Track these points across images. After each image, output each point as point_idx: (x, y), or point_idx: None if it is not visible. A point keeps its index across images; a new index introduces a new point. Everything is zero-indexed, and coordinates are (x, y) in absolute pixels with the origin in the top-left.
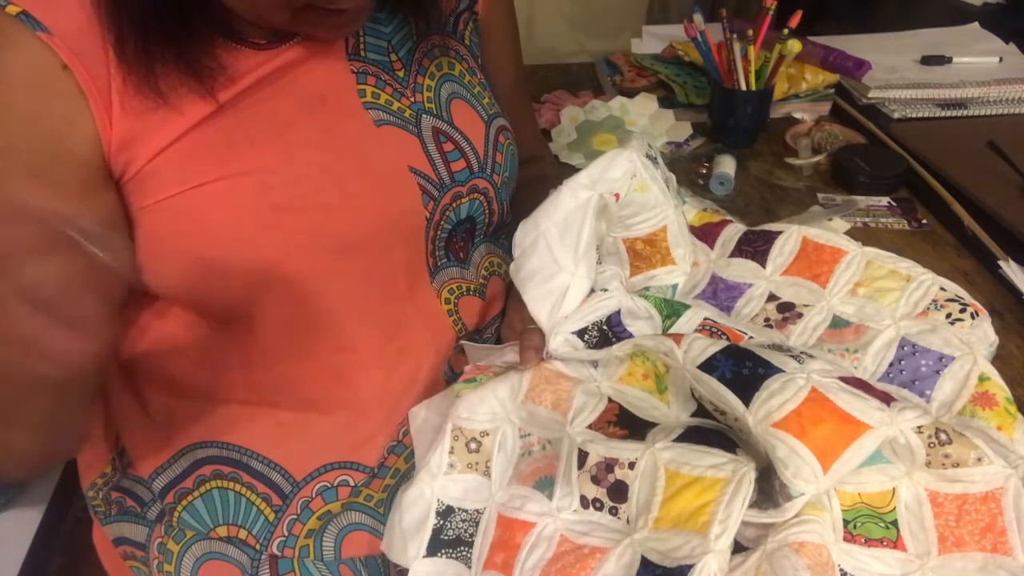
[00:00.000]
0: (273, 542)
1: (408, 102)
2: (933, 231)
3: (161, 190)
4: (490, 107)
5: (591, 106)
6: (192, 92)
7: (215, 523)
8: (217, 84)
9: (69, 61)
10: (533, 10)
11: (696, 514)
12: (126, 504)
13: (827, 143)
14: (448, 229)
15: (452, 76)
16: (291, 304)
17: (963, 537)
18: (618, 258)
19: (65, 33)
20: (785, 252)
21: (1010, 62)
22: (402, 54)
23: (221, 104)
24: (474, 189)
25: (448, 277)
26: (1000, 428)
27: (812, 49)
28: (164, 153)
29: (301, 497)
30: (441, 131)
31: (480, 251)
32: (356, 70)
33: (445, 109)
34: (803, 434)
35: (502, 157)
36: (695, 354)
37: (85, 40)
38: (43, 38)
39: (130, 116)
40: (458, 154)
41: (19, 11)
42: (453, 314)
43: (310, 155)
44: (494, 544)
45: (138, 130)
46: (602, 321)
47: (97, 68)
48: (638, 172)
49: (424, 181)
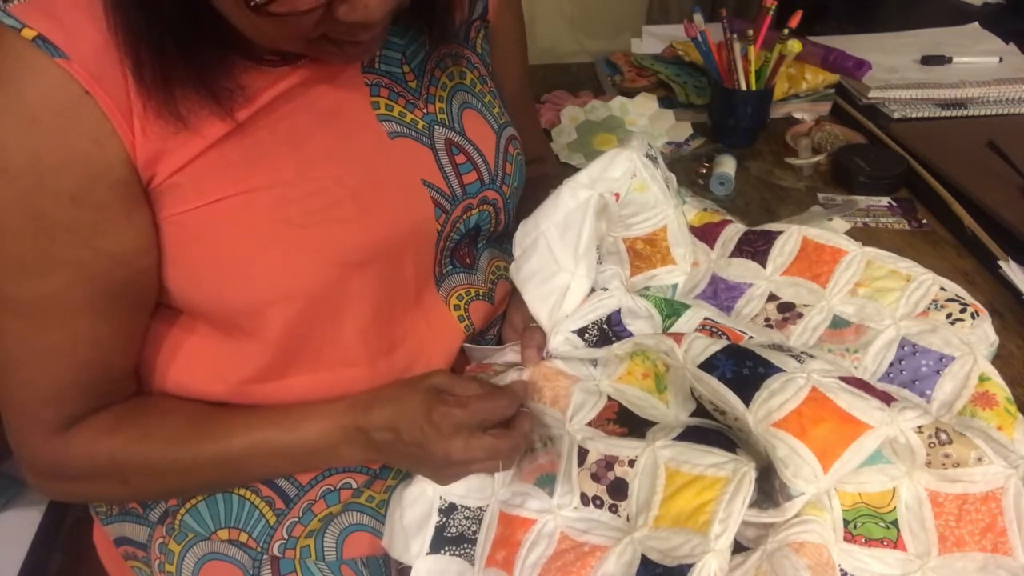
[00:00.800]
0: (273, 544)
1: (421, 113)
2: (933, 231)
3: (180, 203)
4: (500, 116)
5: (591, 106)
6: (211, 114)
7: (217, 526)
8: (236, 104)
9: (89, 87)
10: (533, 10)
11: (696, 513)
12: (128, 505)
13: (827, 143)
14: (456, 239)
15: (464, 86)
16: (304, 320)
17: (963, 537)
18: (618, 258)
19: (83, 57)
20: (785, 252)
21: (1010, 62)
22: (415, 65)
23: (240, 123)
24: (484, 200)
25: (455, 284)
26: (1000, 428)
27: (812, 49)
28: (183, 171)
29: (305, 500)
30: (454, 143)
31: (486, 256)
32: (370, 82)
33: (457, 120)
34: (803, 434)
35: (512, 168)
36: (695, 353)
37: (103, 64)
38: (62, 64)
39: (152, 140)
40: (470, 166)
41: (35, 35)
42: (464, 319)
43: (326, 168)
44: (496, 541)
45: (159, 151)
46: (602, 320)
47: (117, 92)
48: (638, 171)
49: (437, 195)
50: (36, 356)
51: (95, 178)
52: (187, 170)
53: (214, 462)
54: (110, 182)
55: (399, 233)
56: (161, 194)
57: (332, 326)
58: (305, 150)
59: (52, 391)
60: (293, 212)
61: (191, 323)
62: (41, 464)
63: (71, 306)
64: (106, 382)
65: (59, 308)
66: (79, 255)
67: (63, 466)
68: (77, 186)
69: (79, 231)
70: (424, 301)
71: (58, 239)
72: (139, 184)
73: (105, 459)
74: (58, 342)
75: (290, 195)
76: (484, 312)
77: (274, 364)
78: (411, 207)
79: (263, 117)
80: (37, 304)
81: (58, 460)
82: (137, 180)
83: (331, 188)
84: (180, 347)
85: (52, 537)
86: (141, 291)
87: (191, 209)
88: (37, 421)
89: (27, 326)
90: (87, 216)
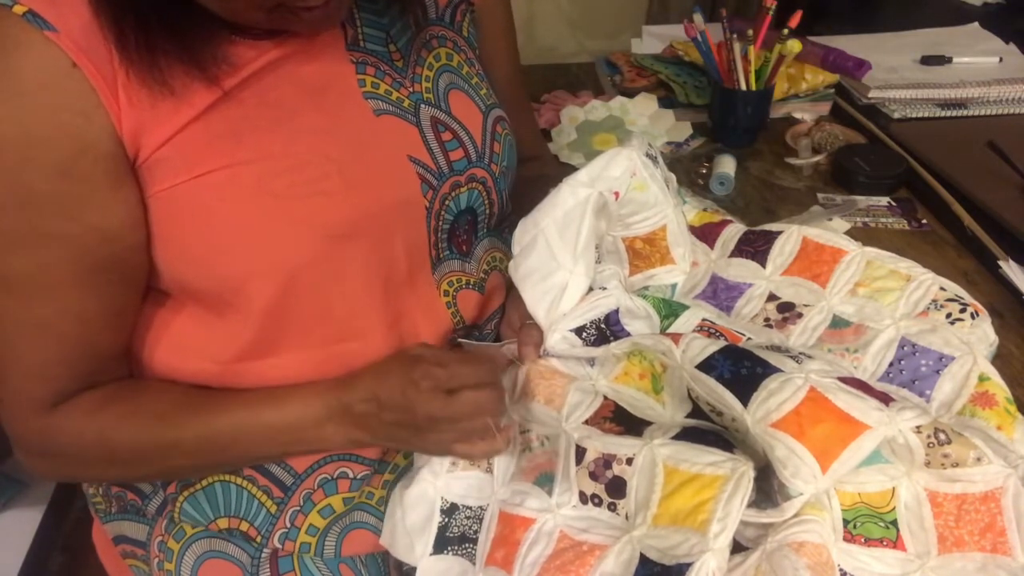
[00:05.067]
0: (275, 534)
1: (407, 92)
2: (933, 231)
3: (167, 178)
4: (487, 98)
5: (591, 106)
6: (197, 81)
7: (216, 514)
8: (220, 72)
9: (77, 59)
10: (533, 10)
11: (695, 511)
12: (127, 498)
13: (827, 143)
14: (449, 220)
15: (450, 67)
16: (292, 294)
17: (963, 537)
18: (617, 257)
19: (71, 31)
20: (785, 252)
21: (1010, 62)
22: (400, 45)
23: (226, 92)
24: (472, 178)
25: (449, 270)
26: (1000, 428)
27: (812, 49)
28: (171, 141)
29: (303, 489)
30: (439, 121)
31: (484, 245)
32: (355, 60)
33: (443, 99)
34: (802, 434)
35: (500, 147)
36: (693, 354)
37: (90, 37)
38: (51, 37)
39: (136, 108)
40: (456, 143)
41: (25, 10)
42: (451, 306)
43: (312, 143)
44: (495, 540)
45: (146, 120)
46: (600, 319)
47: (103, 64)
48: (638, 171)
49: (423, 170)
50: (23, 331)
51: (82, 151)
52: (174, 142)
53: (199, 440)
54: (96, 155)
55: (385, 208)
56: (149, 170)
57: (320, 301)
58: (291, 125)
59: (38, 366)
60: (279, 185)
61: (179, 304)
62: (29, 441)
63: (59, 281)
64: (93, 360)
65: (47, 283)
66: (67, 229)
67: (51, 443)
68: (64, 159)
69: (66, 205)
70: (418, 283)
71: (45, 213)
72: (126, 160)
73: (93, 437)
74: (45, 317)
75: (276, 168)
76: (473, 302)
77: (262, 340)
78: (397, 182)
79: (249, 87)
80: (24, 279)
81: (45, 437)
82: (124, 155)
83: (317, 162)
84: (168, 328)
85: (52, 537)
86: (130, 269)
87: (178, 184)
88: (24, 397)
89: (14, 301)
90: (74, 189)
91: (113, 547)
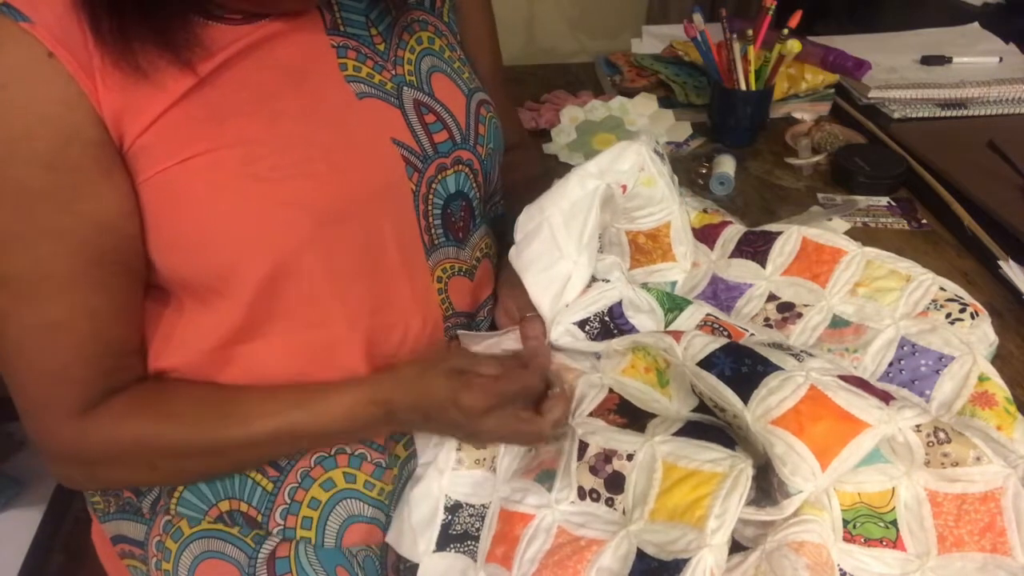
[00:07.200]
0: (275, 511)
1: (389, 75)
2: (933, 231)
3: (152, 165)
4: (470, 81)
5: (591, 106)
6: (171, 65)
7: (216, 498)
8: (195, 56)
9: (54, 48)
10: (533, 10)
11: (692, 507)
12: (124, 494)
13: (827, 143)
14: (440, 204)
15: (432, 51)
16: (281, 279)
17: (962, 537)
18: (620, 249)
19: (46, 21)
20: (785, 252)
21: (1010, 62)
22: (382, 28)
23: (202, 77)
24: (458, 161)
25: (444, 256)
26: (1000, 428)
27: (812, 49)
28: (152, 128)
29: (299, 468)
30: (422, 103)
31: (479, 232)
32: (336, 44)
33: (426, 82)
34: (801, 432)
35: (484, 129)
36: (695, 351)
37: (65, 26)
38: (26, 28)
39: (113, 91)
40: (440, 126)
41: (1, 3)
42: (442, 293)
43: (294, 127)
44: (495, 537)
45: (124, 105)
46: (604, 312)
47: (78, 50)
48: (646, 166)
49: (407, 152)
50: (35, 335)
51: (67, 141)
52: (155, 128)
53: (241, 446)
54: (83, 143)
55: (371, 191)
56: (135, 157)
57: (306, 283)
58: (273, 108)
59: (60, 369)
60: (262, 168)
61: (165, 297)
62: (60, 449)
63: (62, 278)
64: (110, 357)
65: (50, 281)
66: (61, 223)
67: (86, 450)
68: (49, 150)
69: (58, 197)
70: (411, 269)
71: (37, 208)
72: (113, 146)
73: (130, 442)
74: (55, 317)
75: (259, 152)
76: (464, 289)
77: (249, 322)
78: (381, 165)
79: (226, 72)
80: (26, 279)
81: (79, 444)
82: (110, 142)
83: (300, 146)
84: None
85: (52, 537)
86: (130, 259)
87: (162, 170)
88: (49, 404)
89: (20, 303)
90: (63, 180)
91: (112, 547)
